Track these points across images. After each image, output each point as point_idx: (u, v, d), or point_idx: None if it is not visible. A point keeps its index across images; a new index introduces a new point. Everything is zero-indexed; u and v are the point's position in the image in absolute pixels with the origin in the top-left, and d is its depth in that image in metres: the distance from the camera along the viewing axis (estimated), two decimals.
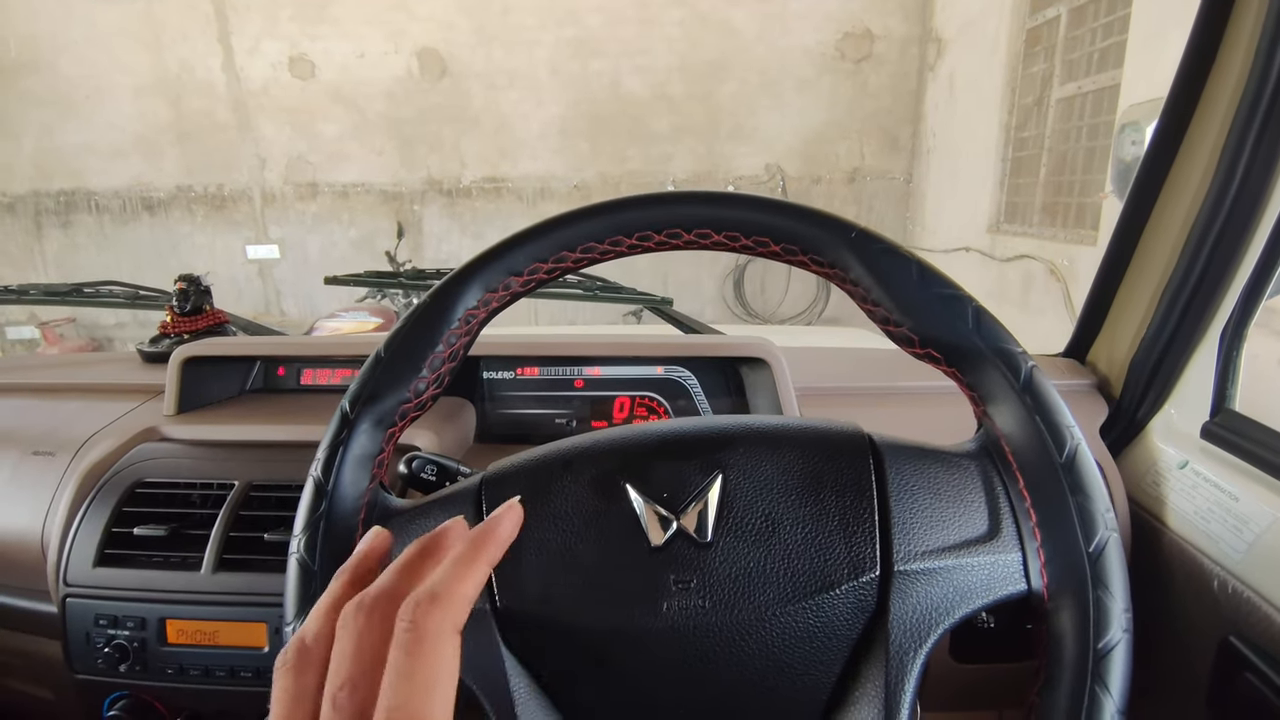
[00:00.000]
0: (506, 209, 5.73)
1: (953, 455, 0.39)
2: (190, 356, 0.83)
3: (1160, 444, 0.72)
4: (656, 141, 5.55)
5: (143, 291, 1.21)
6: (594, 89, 5.45)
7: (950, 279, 0.38)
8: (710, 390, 0.84)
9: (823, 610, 0.36)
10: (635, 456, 0.40)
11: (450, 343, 0.40)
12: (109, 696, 0.69)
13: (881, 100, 5.42)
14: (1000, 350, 0.36)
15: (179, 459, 0.74)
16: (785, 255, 0.40)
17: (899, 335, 0.38)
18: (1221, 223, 0.64)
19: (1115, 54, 3.21)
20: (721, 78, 5.40)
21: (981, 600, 0.36)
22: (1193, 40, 0.66)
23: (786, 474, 0.38)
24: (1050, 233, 3.75)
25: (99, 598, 0.67)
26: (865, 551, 0.36)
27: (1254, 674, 0.55)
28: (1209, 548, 0.62)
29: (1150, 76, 2.79)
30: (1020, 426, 0.36)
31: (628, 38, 5.32)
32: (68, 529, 0.69)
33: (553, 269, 0.41)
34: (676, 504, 0.38)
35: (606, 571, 0.37)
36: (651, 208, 0.40)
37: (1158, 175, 0.72)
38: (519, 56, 5.38)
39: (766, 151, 5.55)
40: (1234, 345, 0.68)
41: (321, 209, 5.80)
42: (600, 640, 0.37)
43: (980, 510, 0.37)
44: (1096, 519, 0.34)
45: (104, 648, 0.67)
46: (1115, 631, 0.32)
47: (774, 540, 0.37)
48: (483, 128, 5.57)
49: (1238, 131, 0.62)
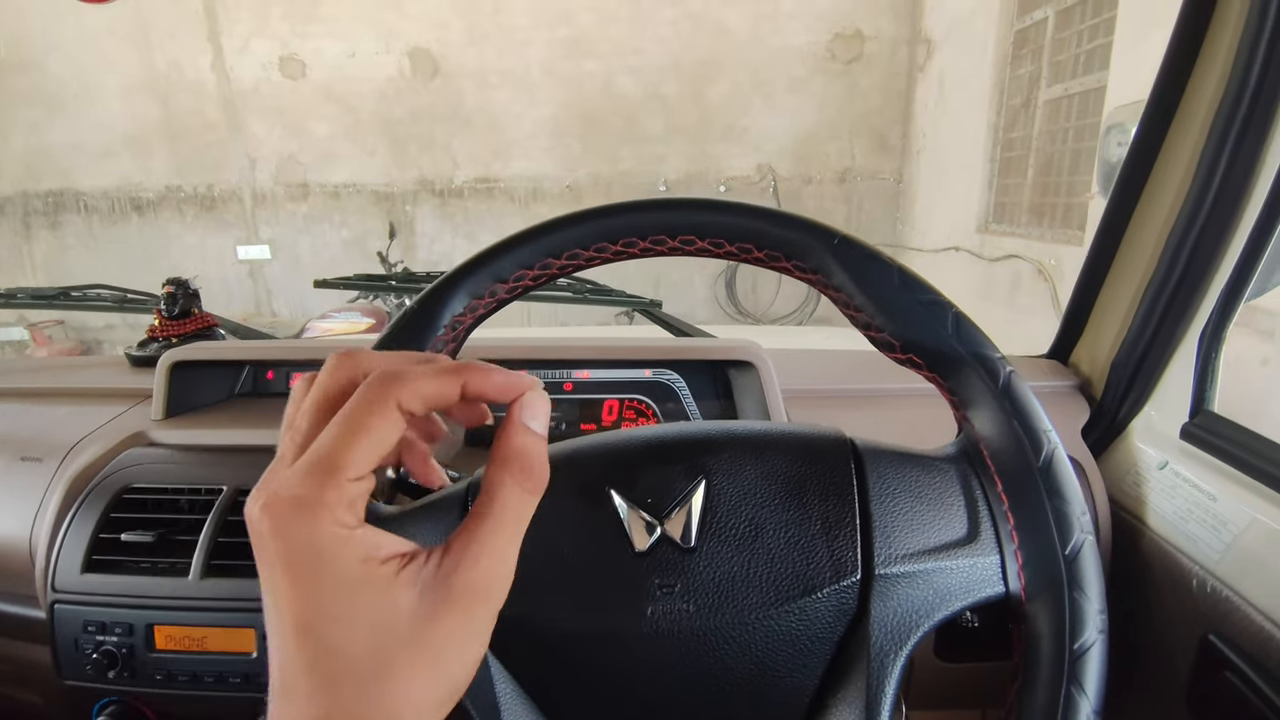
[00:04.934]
0: (499, 209, 5.72)
1: (933, 459, 0.39)
2: (178, 361, 0.83)
3: (1141, 445, 0.73)
4: (649, 142, 5.55)
5: (131, 295, 1.20)
6: (586, 89, 5.44)
7: (931, 285, 0.38)
8: (698, 393, 0.84)
9: (805, 613, 0.37)
10: (619, 462, 0.40)
11: (437, 349, 0.40)
12: (98, 702, 0.69)
13: (872, 101, 5.44)
14: (979, 356, 0.37)
15: (167, 464, 0.74)
16: (769, 261, 0.40)
17: (881, 341, 0.39)
18: (1201, 225, 0.65)
19: (1102, 56, 3.24)
20: (713, 78, 5.41)
21: (961, 602, 0.36)
22: (1174, 43, 0.67)
23: (769, 479, 0.39)
24: (1038, 233, 3.77)
25: (87, 604, 0.67)
26: (847, 555, 0.37)
27: (1233, 672, 0.56)
28: (1188, 547, 0.63)
29: (1136, 79, 2.81)
30: (998, 431, 0.36)
31: (620, 37, 5.32)
32: (55, 535, 0.69)
33: (539, 275, 0.41)
34: (661, 509, 0.38)
35: (591, 576, 0.37)
36: (636, 214, 0.41)
37: (1139, 177, 0.73)
38: (511, 56, 5.38)
39: (758, 152, 5.57)
40: (1213, 347, 0.68)
41: (313, 209, 5.77)
42: (585, 645, 0.38)
43: (960, 513, 0.37)
44: (1072, 522, 0.34)
45: (92, 654, 0.67)
46: (1090, 633, 0.33)
47: (757, 544, 0.37)
48: (475, 128, 5.56)
49: (1218, 133, 0.62)
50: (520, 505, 0.23)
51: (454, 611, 0.22)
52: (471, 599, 0.22)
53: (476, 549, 0.23)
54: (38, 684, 0.75)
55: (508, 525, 0.23)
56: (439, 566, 0.22)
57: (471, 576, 0.22)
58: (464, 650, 0.22)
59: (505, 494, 0.23)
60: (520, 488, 0.23)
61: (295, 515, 0.21)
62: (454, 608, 0.22)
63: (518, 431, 0.24)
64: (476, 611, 0.22)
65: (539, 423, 0.24)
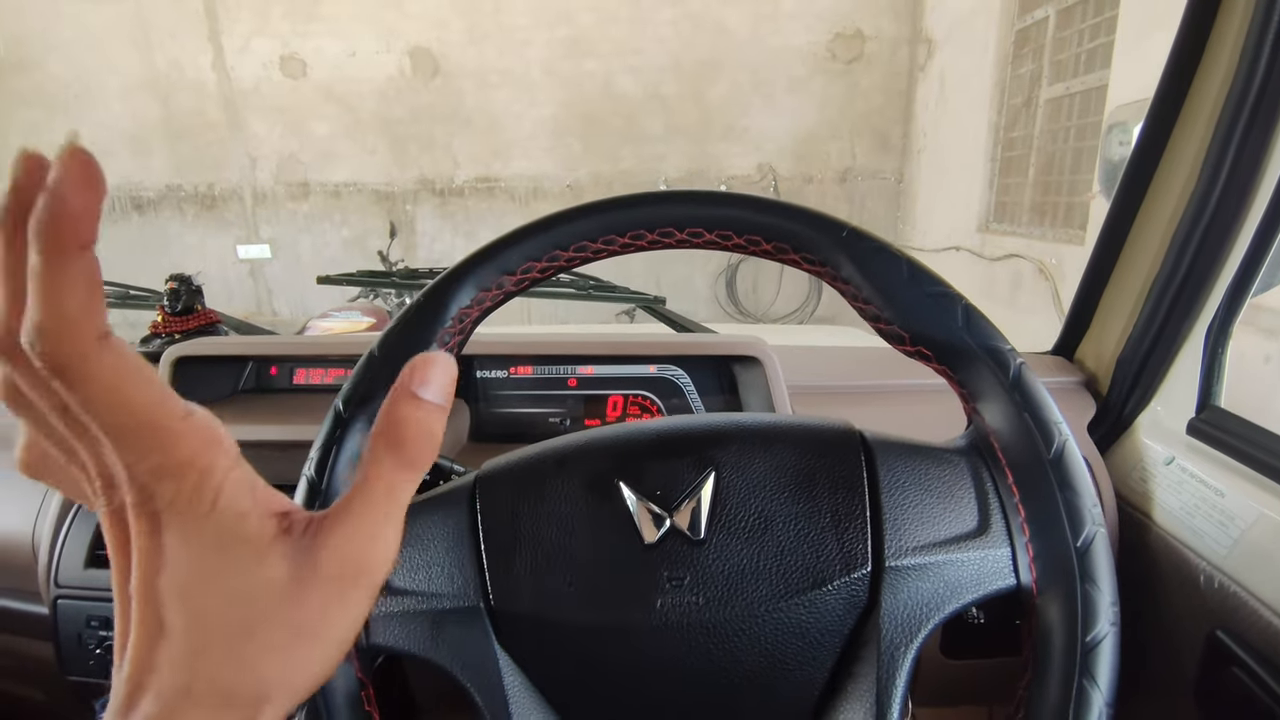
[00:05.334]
0: (499, 208, 5.72)
1: (943, 451, 0.39)
2: (181, 356, 0.83)
3: (1147, 440, 0.73)
4: (649, 141, 5.55)
5: (133, 291, 1.20)
6: (586, 88, 5.44)
7: (940, 277, 0.38)
8: (703, 388, 0.84)
9: (815, 606, 0.37)
10: (628, 455, 0.40)
11: (444, 341, 0.40)
12: (100, 698, 0.69)
13: (873, 100, 5.44)
14: (989, 348, 0.37)
15: None
16: (777, 254, 0.40)
17: (890, 333, 0.39)
18: (1207, 221, 0.65)
19: (1103, 55, 3.24)
20: (714, 77, 5.40)
21: (971, 595, 0.36)
22: (1178, 41, 0.67)
23: (779, 471, 0.38)
24: (1039, 232, 3.77)
25: (90, 599, 0.67)
26: (857, 547, 0.37)
27: (1240, 668, 0.56)
28: (1195, 543, 0.63)
29: (1137, 78, 2.81)
30: (1009, 423, 0.36)
31: (620, 37, 5.32)
32: (58, 530, 0.69)
33: (546, 268, 0.41)
34: (669, 502, 0.38)
35: (600, 569, 0.37)
36: (644, 207, 0.40)
37: (1144, 175, 0.72)
38: (511, 56, 5.38)
39: (758, 151, 5.57)
40: (1219, 342, 0.68)
41: (313, 208, 5.77)
42: (594, 638, 0.37)
43: (970, 506, 0.37)
44: (1084, 514, 0.34)
45: (95, 649, 0.67)
46: (1103, 625, 0.33)
47: (767, 537, 0.37)
48: (475, 127, 5.56)
49: (1223, 131, 0.62)
50: (393, 481, 0.21)
51: (324, 588, 0.21)
52: (343, 577, 0.21)
53: (349, 525, 0.21)
54: (41, 680, 0.75)
55: (378, 502, 0.21)
56: (314, 538, 0.21)
57: (344, 553, 0.21)
58: (334, 629, 0.21)
59: (378, 468, 0.21)
60: (394, 461, 0.21)
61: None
62: (324, 585, 0.21)
63: (399, 399, 0.21)
64: (348, 591, 0.21)
65: (430, 390, 0.21)
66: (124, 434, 0.18)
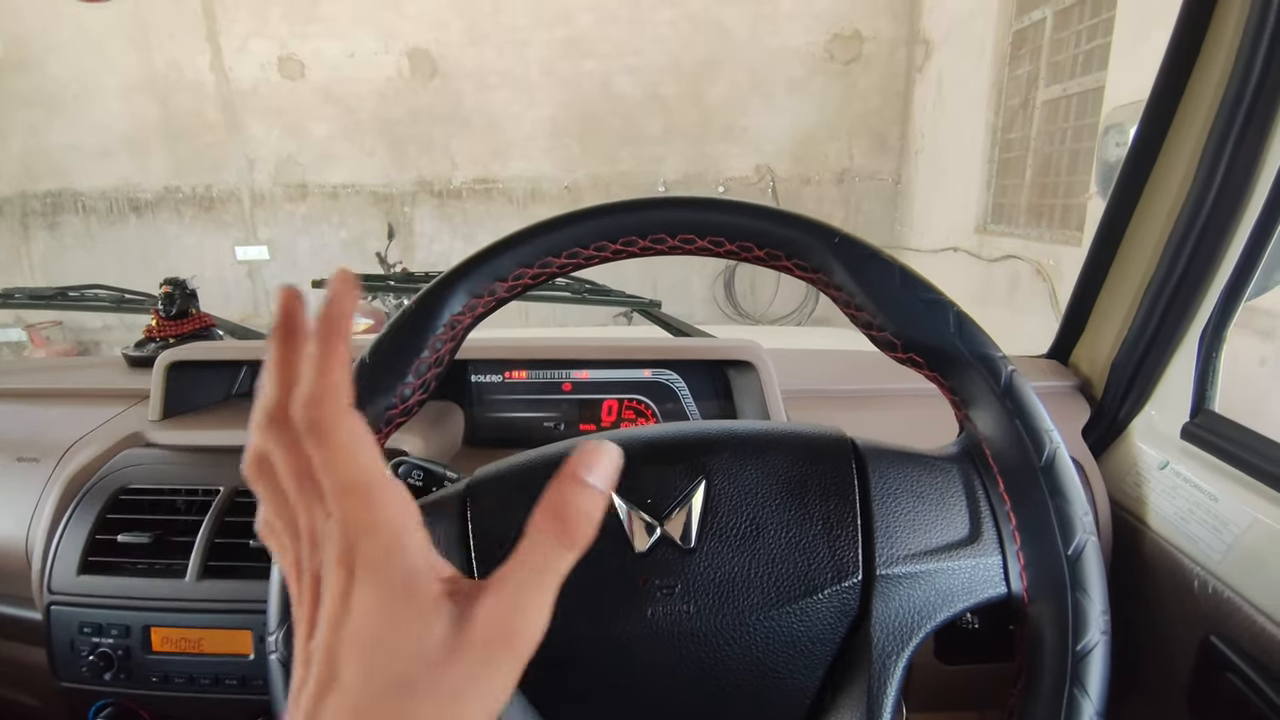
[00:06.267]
0: (497, 210, 5.72)
1: (934, 459, 0.39)
2: (175, 361, 0.82)
3: (1141, 445, 0.73)
4: (648, 142, 5.55)
5: (128, 295, 1.20)
6: (585, 89, 5.44)
7: (932, 284, 0.38)
8: (698, 393, 0.84)
9: (806, 614, 0.36)
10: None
11: (436, 348, 0.40)
12: (94, 704, 0.69)
13: (870, 101, 5.44)
14: (981, 355, 0.37)
15: (164, 465, 0.74)
16: (769, 260, 0.40)
17: (882, 340, 0.39)
18: (1202, 225, 0.65)
19: (1100, 56, 3.24)
20: (712, 78, 5.41)
21: (963, 603, 0.36)
22: (1174, 42, 0.67)
23: (770, 478, 0.38)
24: (1036, 233, 3.78)
25: (83, 605, 0.67)
26: (848, 555, 0.37)
27: (1234, 673, 0.55)
28: (1189, 548, 0.63)
29: (1134, 79, 2.81)
30: (1001, 430, 0.36)
31: (619, 38, 5.32)
32: (52, 536, 0.69)
33: (538, 274, 0.41)
34: (660, 510, 0.38)
35: (590, 578, 0.37)
36: (636, 213, 0.40)
37: (1139, 177, 0.72)
38: (510, 56, 5.38)
39: (757, 152, 5.57)
40: (1213, 346, 0.68)
41: (311, 210, 5.76)
42: (584, 645, 0.37)
43: (961, 514, 0.37)
44: (1075, 522, 0.34)
45: (88, 655, 0.66)
46: (1093, 634, 0.33)
47: (758, 545, 0.37)
48: (474, 128, 5.56)
49: (1218, 133, 0.62)
50: (550, 556, 0.23)
51: (474, 653, 0.21)
52: (492, 643, 0.22)
53: (504, 595, 0.22)
54: (34, 686, 0.74)
55: (533, 575, 0.23)
56: (470, 604, 0.22)
57: (495, 620, 0.22)
58: (481, 695, 0.22)
59: (537, 544, 0.23)
60: (554, 538, 0.23)
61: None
62: (474, 650, 0.21)
63: (565, 481, 0.23)
64: (499, 657, 0.22)
65: (595, 476, 0.23)
66: (350, 490, 0.21)
